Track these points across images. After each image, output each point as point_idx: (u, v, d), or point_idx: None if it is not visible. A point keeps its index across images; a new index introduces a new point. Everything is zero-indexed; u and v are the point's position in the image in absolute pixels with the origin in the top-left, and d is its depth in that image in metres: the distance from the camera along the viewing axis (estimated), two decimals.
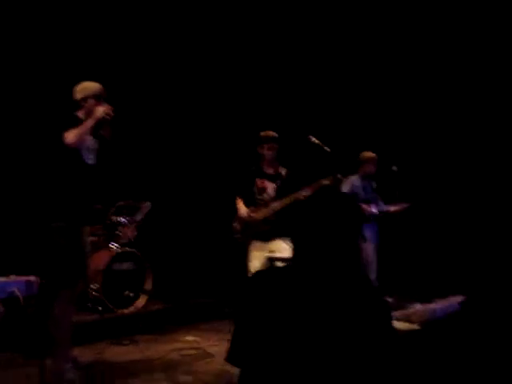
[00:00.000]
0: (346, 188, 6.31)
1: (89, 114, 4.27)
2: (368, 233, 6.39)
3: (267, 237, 5.17)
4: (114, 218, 6.48)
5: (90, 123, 4.19)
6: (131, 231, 6.58)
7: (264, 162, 5.37)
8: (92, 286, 6.01)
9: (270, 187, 5.31)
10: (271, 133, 5.35)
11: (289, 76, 8.08)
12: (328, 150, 5.10)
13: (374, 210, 6.45)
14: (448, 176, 7.55)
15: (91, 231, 6.66)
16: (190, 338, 5.32)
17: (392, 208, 6.60)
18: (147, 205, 6.77)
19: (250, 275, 4.88)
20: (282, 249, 5.07)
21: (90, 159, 4.37)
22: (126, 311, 6.09)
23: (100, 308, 5.93)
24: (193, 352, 5.02)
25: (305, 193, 4.87)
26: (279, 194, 5.22)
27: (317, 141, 5.18)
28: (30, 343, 4.66)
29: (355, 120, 7.91)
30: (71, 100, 4.38)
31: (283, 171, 5.40)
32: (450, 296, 3.59)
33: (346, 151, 6.51)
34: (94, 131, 4.34)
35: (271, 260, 4.96)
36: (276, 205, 5.13)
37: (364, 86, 7.96)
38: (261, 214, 5.21)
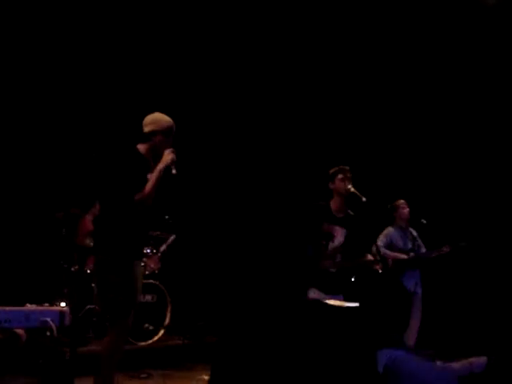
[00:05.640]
0: (381, 241, 6.17)
1: (153, 150, 4.02)
2: (408, 282, 6.11)
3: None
4: None
5: (159, 171, 3.90)
6: (155, 263, 6.56)
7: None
8: None
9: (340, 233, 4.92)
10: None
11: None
12: (364, 199, 4.89)
13: (403, 256, 6.22)
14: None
15: None
16: (205, 376, 5.22)
17: (433, 254, 6.25)
18: (173, 237, 6.77)
19: None
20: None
21: None
22: (143, 344, 6.04)
23: None
24: None
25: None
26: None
27: (354, 190, 4.95)
28: (52, 372, 4.61)
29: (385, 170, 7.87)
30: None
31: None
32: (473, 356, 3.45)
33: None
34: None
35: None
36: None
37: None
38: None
